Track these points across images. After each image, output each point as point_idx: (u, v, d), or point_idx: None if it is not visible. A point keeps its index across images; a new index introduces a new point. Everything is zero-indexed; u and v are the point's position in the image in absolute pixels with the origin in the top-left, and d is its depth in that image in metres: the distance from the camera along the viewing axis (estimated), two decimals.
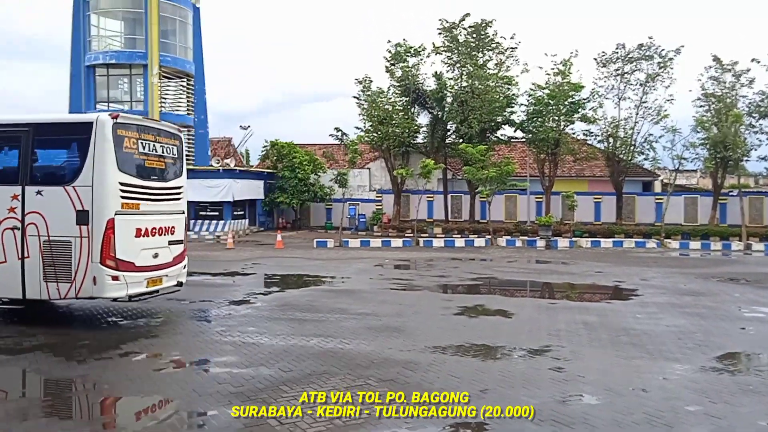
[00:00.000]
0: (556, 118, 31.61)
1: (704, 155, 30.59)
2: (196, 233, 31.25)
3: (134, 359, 8.30)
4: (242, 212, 33.68)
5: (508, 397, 6.65)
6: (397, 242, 28.12)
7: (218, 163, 32.67)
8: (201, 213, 31.77)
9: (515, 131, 34.01)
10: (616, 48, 31.46)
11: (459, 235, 30.78)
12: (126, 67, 32.23)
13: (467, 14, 32.53)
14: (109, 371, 7.67)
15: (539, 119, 31.81)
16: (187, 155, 34.33)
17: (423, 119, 35.28)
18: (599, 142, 32.81)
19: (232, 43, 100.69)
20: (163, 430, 5.80)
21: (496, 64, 33.13)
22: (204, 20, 35.03)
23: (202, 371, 7.81)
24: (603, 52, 31.75)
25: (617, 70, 31.60)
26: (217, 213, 31.71)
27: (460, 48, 32.62)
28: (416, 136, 35.12)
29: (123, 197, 9.68)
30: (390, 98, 34.32)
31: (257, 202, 35.40)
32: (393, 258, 22.35)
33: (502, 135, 34.70)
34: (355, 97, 34.31)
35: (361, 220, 35.65)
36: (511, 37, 32.76)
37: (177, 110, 33.95)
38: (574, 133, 33.06)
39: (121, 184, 9.66)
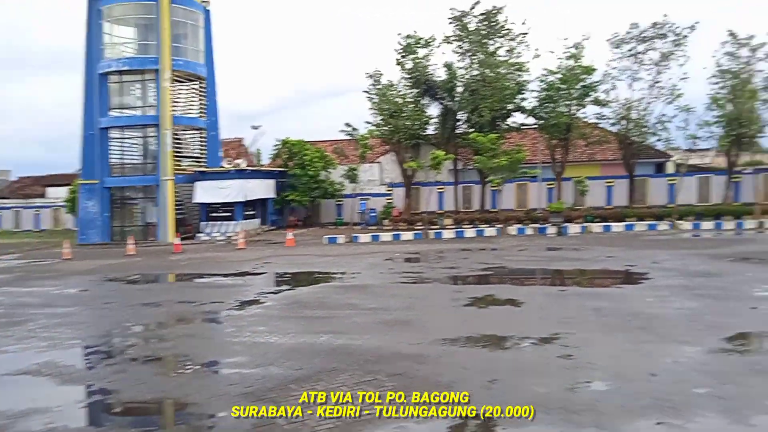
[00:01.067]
0: (568, 102, 31.17)
1: (719, 133, 30.19)
2: (207, 235, 31.31)
3: (145, 363, 8.41)
4: (253, 212, 33.78)
5: (516, 387, 6.66)
6: (407, 235, 28.09)
7: (230, 164, 32.81)
8: (212, 214, 31.89)
9: (527, 118, 33.59)
10: (630, 28, 31.02)
11: (469, 226, 30.66)
12: (138, 72, 32.35)
13: (477, 2, 32.20)
14: (125, 376, 7.79)
15: (551, 104, 31.39)
16: (199, 158, 34.70)
17: (433, 110, 35.00)
18: (612, 124, 32.34)
19: (242, 43, 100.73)
20: None
21: (507, 51, 32.63)
22: (214, 22, 35.00)
23: (212, 373, 7.89)
24: (616, 33, 31.33)
25: (630, 50, 31.07)
26: (228, 214, 31.78)
27: (470, 36, 32.23)
28: (427, 128, 34.86)
29: None
30: (400, 91, 34.05)
31: (269, 201, 35.51)
32: (403, 251, 22.36)
33: (513, 122, 34.26)
34: (365, 91, 34.20)
35: (372, 214, 35.58)
36: (522, 23, 32.69)
37: (189, 113, 34.07)
38: (585, 117, 32.60)
39: None
